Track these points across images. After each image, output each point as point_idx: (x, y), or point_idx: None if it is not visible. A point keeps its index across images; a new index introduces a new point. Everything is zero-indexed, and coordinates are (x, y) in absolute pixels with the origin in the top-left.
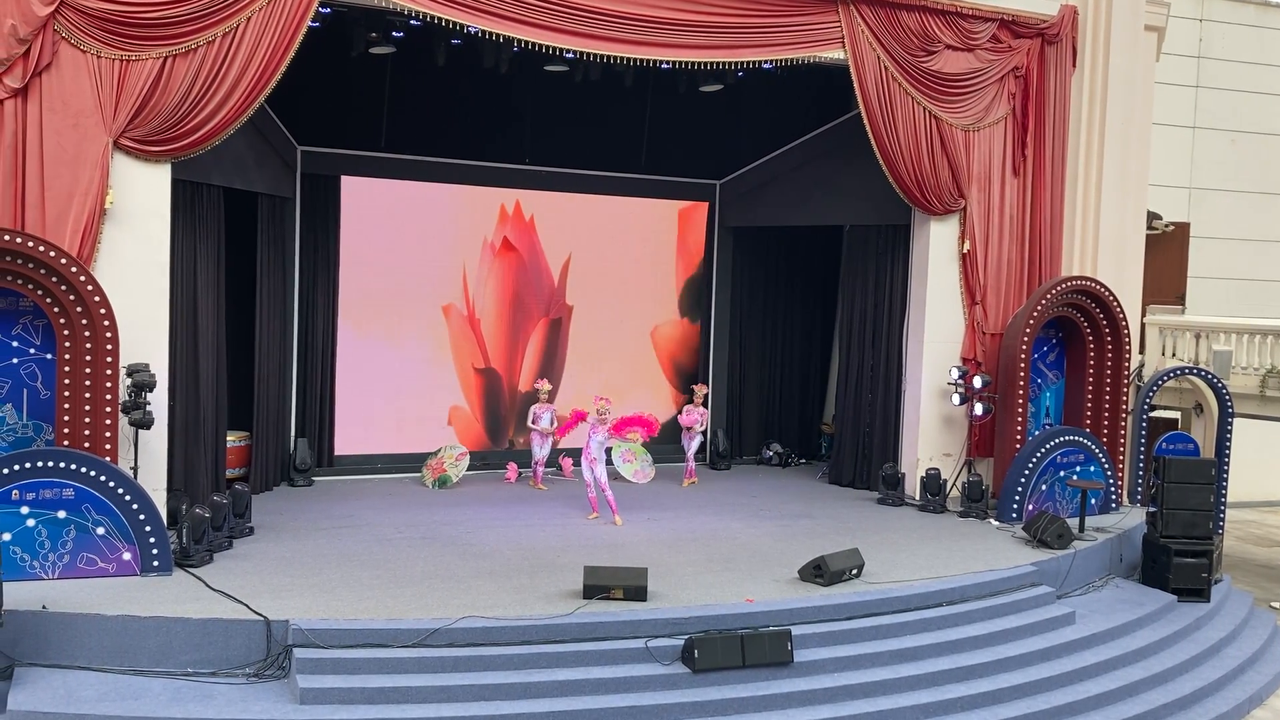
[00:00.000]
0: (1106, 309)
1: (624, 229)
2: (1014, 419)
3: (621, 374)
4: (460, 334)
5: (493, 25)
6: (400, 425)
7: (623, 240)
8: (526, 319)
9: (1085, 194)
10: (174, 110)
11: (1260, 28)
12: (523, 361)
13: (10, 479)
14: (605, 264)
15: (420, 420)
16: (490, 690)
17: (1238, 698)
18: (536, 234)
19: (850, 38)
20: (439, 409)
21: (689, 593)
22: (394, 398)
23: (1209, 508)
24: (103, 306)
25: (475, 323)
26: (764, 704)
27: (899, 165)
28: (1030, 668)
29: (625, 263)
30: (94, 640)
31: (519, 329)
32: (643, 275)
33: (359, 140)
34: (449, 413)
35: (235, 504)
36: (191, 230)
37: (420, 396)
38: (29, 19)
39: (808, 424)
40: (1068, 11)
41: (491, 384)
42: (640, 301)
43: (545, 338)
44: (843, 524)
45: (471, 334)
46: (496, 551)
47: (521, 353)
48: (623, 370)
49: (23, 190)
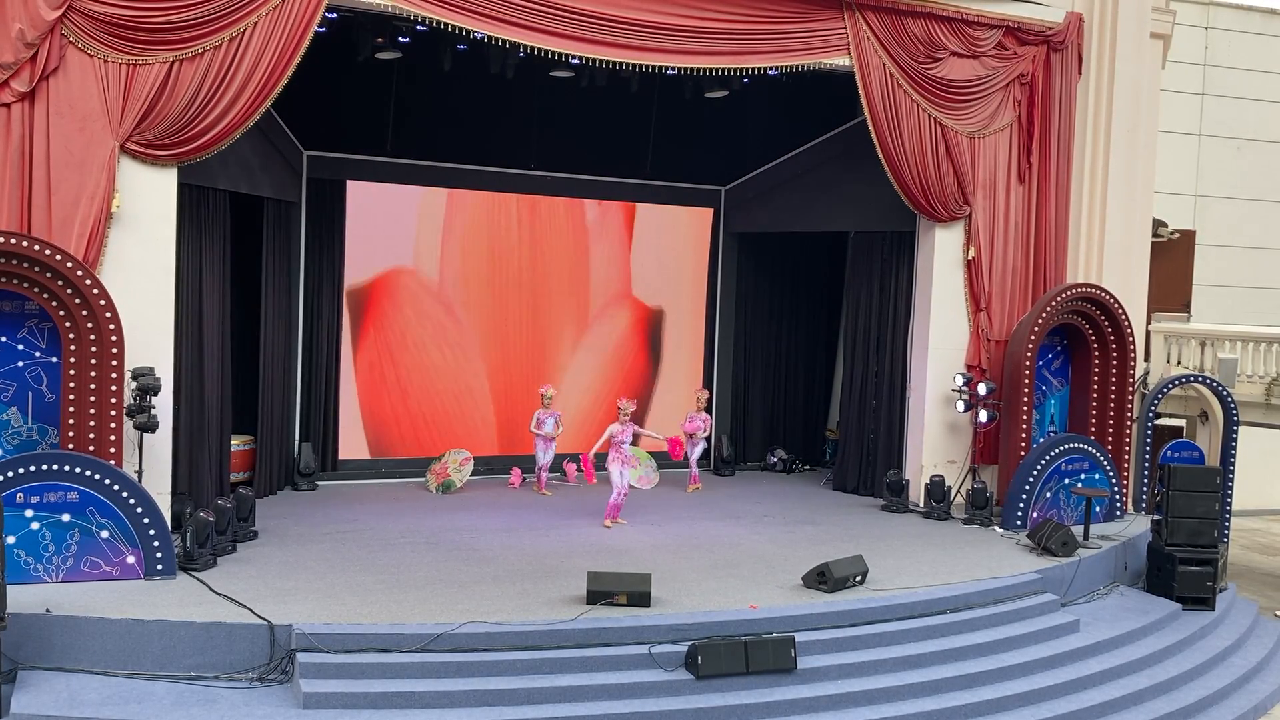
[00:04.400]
0: (1112, 316)
1: (628, 234)
2: (1019, 426)
3: (624, 378)
4: (464, 338)
5: (498, 30)
6: (404, 430)
7: (626, 245)
8: (532, 324)
9: (1090, 201)
10: (180, 114)
11: (1266, 36)
12: (528, 366)
13: (15, 482)
14: (608, 268)
15: (425, 425)
16: (493, 695)
17: (1242, 706)
18: (541, 239)
19: (856, 44)
20: (444, 413)
21: (693, 599)
22: (398, 402)
23: (1214, 516)
24: (108, 310)
25: (479, 326)
26: (767, 710)
27: (904, 172)
28: (1034, 675)
29: (628, 267)
30: (97, 643)
31: (524, 334)
32: (648, 279)
33: (364, 145)
34: (455, 417)
35: (239, 508)
36: (197, 234)
37: (425, 401)
38: (36, 23)
39: (812, 430)
40: (1073, 19)
41: (495, 388)
42: (644, 305)
43: (549, 342)
44: (847, 530)
45: (475, 338)
46: (500, 556)
47: (527, 357)
48: (625, 374)
49: (29, 194)
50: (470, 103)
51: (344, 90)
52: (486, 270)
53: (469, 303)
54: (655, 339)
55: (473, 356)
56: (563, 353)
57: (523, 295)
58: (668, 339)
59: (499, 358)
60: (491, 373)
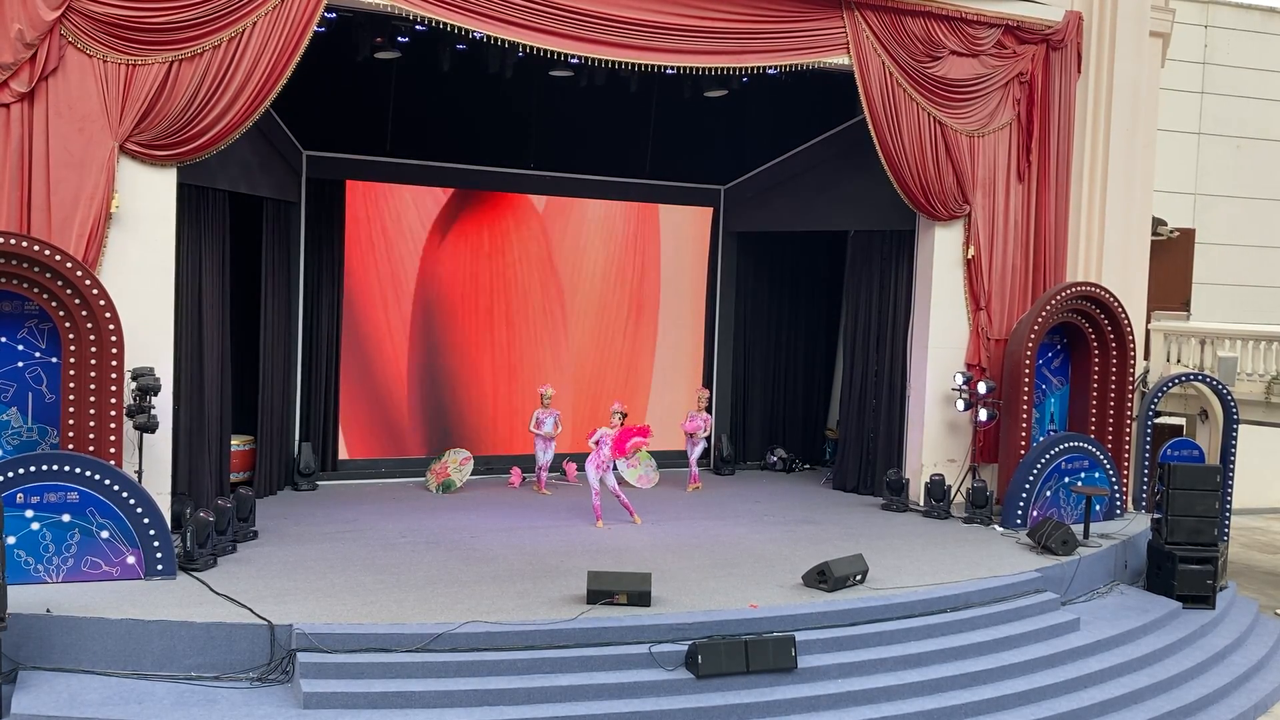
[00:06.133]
0: (1111, 315)
1: (628, 234)
2: (1018, 425)
3: (624, 377)
4: (465, 338)
5: (497, 30)
6: (404, 430)
7: (627, 245)
8: (532, 323)
9: (1090, 200)
10: (180, 115)
11: (1265, 34)
12: (529, 366)
13: (15, 482)
14: (609, 268)
15: (425, 425)
16: (494, 695)
17: (1243, 705)
18: (541, 238)
19: (855, 43)
20: (444, 413)
21: (693, 598)
22: (398, 402)
23: (1214, 514)
24: (108, 310)
25: (478, 326)
26: (768, 710)
27: (904, 171)
28: (1034, 674)
29: (629, 267)
30: (98, 644)
31: (524, 333)
32: (647, 279)
33: (364, 145)
34: (455, 417)
35: (239, 508)
36: (197, 234)
37: (426, 401)
38: (35, 23)
39: (812, 429)
40: (1072, 17)
41: (495, 388)
42: (644, 305)
43: (550, 342)
44: (847, 529)
45: (476, 338)
46: (500, 556)
47: (527, 357)
48: (625, 373)
49: (29, 194)
50: (469, 102)
51: (343, 90)
52: (486, 270)
53: (469, 302)
54: (655, 339)
55: (472, 356)
56: (562, 352)
57: (522, 295)
58: (668, 338)
59: (498, 357)
60: (491, 372)
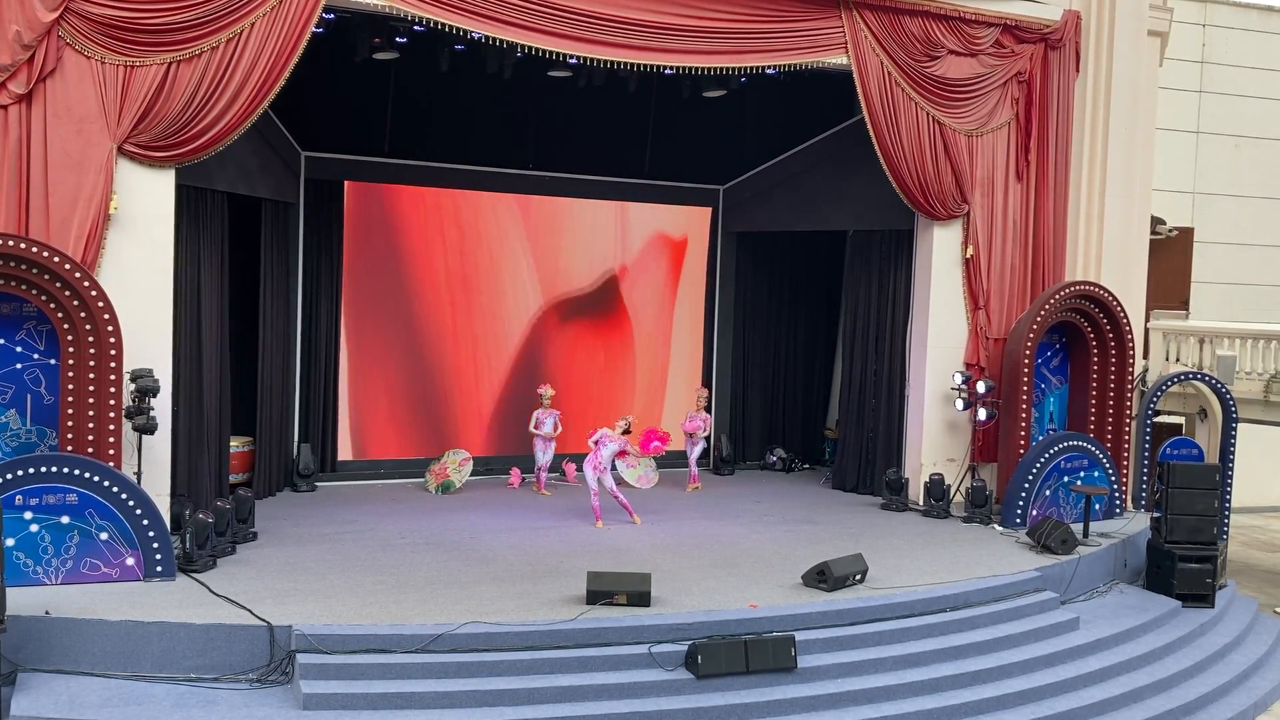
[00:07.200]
0: (1110, 314)
1: (627, 234)
2: (1018, 424)
3: (623, 377)
4: (463, 338)
5: (496, 30)
6: (404, 430)
7: (627, 245)
8: (531, 323)
9: (1089, 199)
10: (178, 116)
11: (1264, 33)
12: (527, 365)
13: (14, 484)
14: (608, 268)
15: (425, 425)
16: (493, 696)
17: (1242, 704)
18: (539, 239)
19: (854, 43)
20: (443, 414)
21: (692, 598)
22: (398, 403)
23: (1213, 513)
24: (106, 312)
25: (478, 326)
26: (768, 710)
27: (903, 170)
28: (1034, 673)
29: (629, 267)
30: (97, 645)
31: (523, 333)
32: (646, 280)
33: (363, 145)
34: (453, 418)
35: (238, 509)
36: (195, 235)
37: (425, 402)
38: (33, 24)
39: (811, 429)
40: (1071, 17)
41: (494, 388)
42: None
43: (549, 342)
44: (846, 529)
45: (474, 338)
46: (500, 557)
47: (526, 357)
48: (625, 373)
49: (27, 196)
50: (468, 103)
51: (342, 91)
52: (485, 270)
53: (468, 302)
54: (654, 339)
55: (472, 356)
56: (562, 352)
57: (521, 295)
58: (667, 338)
59: (498, 357)
60: (490, 372)
